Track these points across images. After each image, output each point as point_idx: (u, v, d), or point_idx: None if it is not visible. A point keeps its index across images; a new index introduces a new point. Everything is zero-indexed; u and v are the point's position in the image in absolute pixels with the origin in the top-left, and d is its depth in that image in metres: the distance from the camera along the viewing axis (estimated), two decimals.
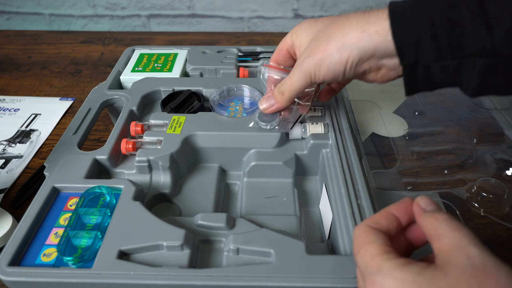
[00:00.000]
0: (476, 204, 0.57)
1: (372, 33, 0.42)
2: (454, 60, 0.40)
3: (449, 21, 0.39)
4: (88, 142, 0.73)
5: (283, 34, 0.52)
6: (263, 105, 0.54)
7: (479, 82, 0.40)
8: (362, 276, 0.34)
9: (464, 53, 0.39)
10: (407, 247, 0.37)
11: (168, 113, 0.60)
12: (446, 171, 0.62)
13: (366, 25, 0.42)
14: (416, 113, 0.74)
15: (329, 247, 0.48)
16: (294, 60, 0.52)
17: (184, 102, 0.63)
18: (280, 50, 0.52)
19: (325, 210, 0.52)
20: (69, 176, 0.51)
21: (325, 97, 0.58)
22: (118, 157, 0.56)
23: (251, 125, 0.57)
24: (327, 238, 0.50)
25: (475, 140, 0.68)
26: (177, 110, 0.62)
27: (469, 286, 0.28)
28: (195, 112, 0.62)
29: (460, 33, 0.38)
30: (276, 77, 0.54)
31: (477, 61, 0.39)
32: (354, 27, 0.43)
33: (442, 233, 0.31)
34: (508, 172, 0.61)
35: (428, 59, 0.41)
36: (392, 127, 0.71)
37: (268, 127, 0.56)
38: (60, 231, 0.46)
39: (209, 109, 0.62)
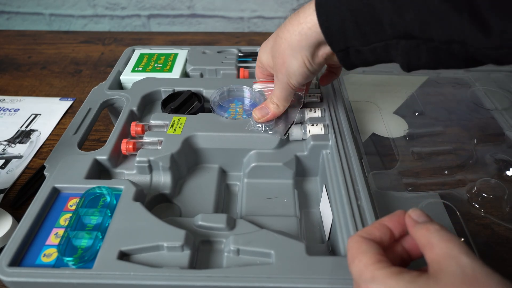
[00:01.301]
0: (476, 205, 0.57)
1: (306, 31, 0.45)
2: (380, 43, 0.42)
3: (367, 7, 0.41)
4: (88, 142, 0.73)
5: None
6: (257, 115, 0.56)
7: (407, 61, 0.42)
8: (357, 286, 0.34)
9: (386, 36, 0.42)
10: (403, 258, 0.37)
11: (169, 113, 0.60)
12: (446, 172, 0.62)
13: (300, 26, 0.46)
14: (416, 114, 0.74)
15: (329, 248, 0.48)
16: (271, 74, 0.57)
17: (185, 102, 0.63)
18: (258, 69, 0.59)
19: (325, 211, 0.52)
20: (69, 176, 0.51)
21: (324, 81, 0.61)
22: (118, 158, 0.56)
23: (246, 126, 0.57)
24: (327, 239, 0.50)
25: (475, 140, 0.68)
26: (177, 110, 0.62)
27: None
28: (195, 113, 0.62)
29: (378, 19, 0.41)
30: (267, 89, 0.61)
31: (399, 43, 0.41)
32: (292, 32, 0.47)
33: (434, 243, 0.32)
34: (508, 173, 0.61)
35: (356, 44, 0.44)
36: (392, 127, 0.71)
37: (263, 130, 0.56)
38: (61, 231, 0.46)
39: (210, 110, 0.62)
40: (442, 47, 0.39)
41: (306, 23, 0.45)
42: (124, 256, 0.43)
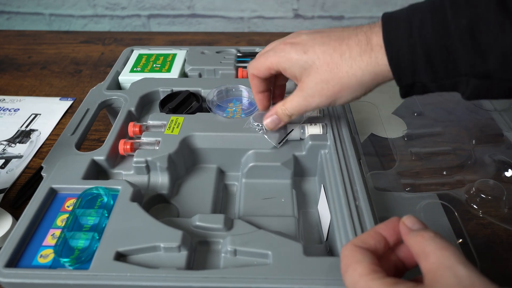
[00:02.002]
0: (474, 206, 0.57)
1: (381, 71, 0.43)
2: (449, 80, 0.41)
3: (443, 48, 0.39)
4: (88, 142, 0.73)
5: (283, 34, 0.51)
6: (268, 123, 0.54)
7: (473, 95, 0.41)
8: None
9: (459, 74, 0.40)
10: (398, 267, 0.37)
11: (167, 113, 0.60)
12: (444, 172, 0.62)
13: (372, 65, 0.43)
14: (415, 114, 0.74)
15: (327, 248, 0.48)
16: (272, 76, 0.53)
17: (183, 102, 0.63)
18: (262, 65, 0.51)
19: (324, 211, 0.52)
20: (66, 177, 0.51)
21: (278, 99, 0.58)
22: (116, 158, 0.56)
23: (245, 124, 0.57)
24: (325, 239, 0.50)
25: (474, 141, 0.68)
26: (175, 110, 0.62)
27: None
28: (193, 112, 0.62)
29: (454, 59, 0.39)
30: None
31: (471, 81, 0.40)
32: (365, 70, 0.44)
33: (429, 251, 0.32)
34: (507, 174, 0.61)
35: (424, 80, 0.42)
36: (391, 128, 0.71)
37: (261, 132, 0.56)
38: (57, 232, 0.46)
39: (207, 110, 0.62)
40: None
41: (378, 61, 0.43)
42: (121, 256, 0.43)
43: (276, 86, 0.57)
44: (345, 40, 0.45)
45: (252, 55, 0.77)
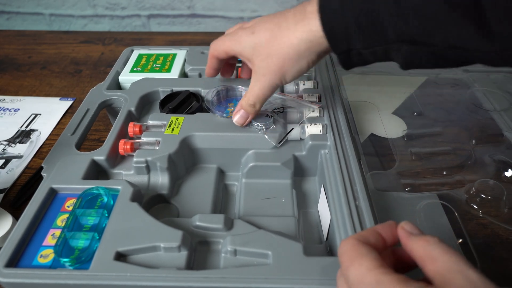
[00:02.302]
0: (474, 206, 0.57)
1: (317, 39, 0.45)
2: (382, 46, 0.43)
3: (371, 13, 0.41)
4: (88, 142, 0.73)
5: None
6: (237, 120, 0.56)
7: (407, 62, 0.43)
8: None
9: (389, 40, 0.42)
10: (396, 268, 0.36)
11: (167, 113, 0.60)
12: (444, 172, 0.62)
13: (307, 32, 0.45)
14: (415, 114, 0.74)
15: (327, 248, 0.48)
16: (228, 58, 0.57)
17: (183, 102, 0.63)
18: (220, 47, 0.55)
19: (324, 211, 0.52)
20: (66, 177, 0.51)
21: (229, 73, 0.66)
22: (116, 158, 0.56)
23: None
24: (325, 239, 0.50)
25: (474, 141, 0.68)
26: (175, 110, 0.62)
27: None
28: (193, 112, 0.62)
29: (381, 24, 0.41)
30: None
31: (402, 47, 0.41)
32: (300, 39, 0.46)
33: (436, 255, 0.31)
34: (507, 174, 0.61)
35: (358, 47, 0.44)
36: (391, 128, 0.71)
37: (260, 131, 0.57)
38: (57, 232, 0.46)
39: (204, 110, 0.62)
40: (443, 52, 0.40)
41: (311, 27, 0.45)
42: (121, 257, 0.43)
43: (227, 64, 0.64)
44: (284, 13, 0.49)
45: None
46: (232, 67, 0.65)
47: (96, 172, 0.54)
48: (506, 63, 0.38)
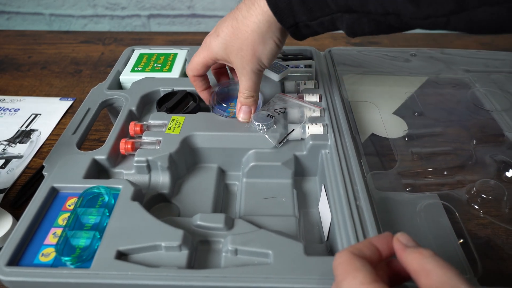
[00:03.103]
0: (475, 206, 0.57)
1: (261, 13, 0.48)
2: (326, 17, 0.46)
3: None
4: (88, 142, 0.73)
5: None
6: (243, 118, 0.58)
7: (352, 31, 0.46)
8: None
9: (331, 11, 0.45)
10: (390, 281, 0.36)
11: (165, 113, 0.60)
12: (445, 172, 0.62)
13: (262, 14, 0.48)
14: (416, 114, 0.74)
15: (328, 248, 0.48)
16: (208, 68, 0.59)
17: (180, 102, 0.63)
18: (198, 63, 0.58)
19: (324, 211, 0.52)
20: (68, 176, 0.51)
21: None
22: (117, 157, 0.56)
23: (246, 125, 0.58)
24: (326, 239, 0.50)
25: (474, 141, 0.68)
26: (172, 110, 0.62)
27: None
28: (190, 112, 0.62)
29: None
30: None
31: (343, 16, 0.45)
32: (259, 22, 0.49)
33: (430, 269, 0.31)
34: (508, 174, 0.61)
35: (304, 19, 0.47)
36: (391, 128, 0.71)
37: (261, 131, 0.57)
38: (59, 231, 0.46)
39: (205, 109, 0.62)
40: (380, 18, 0.43)
41: (262, 9, 0.48)
42: (122, 255, 0.43)
43: (219, 72, 0.65)
44: (237, 7, 0.51)
45: None
46: (223, 71, 0.66)
47: (97, 171, 0.54)
48: (434, 27, 0.41)
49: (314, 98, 0.63)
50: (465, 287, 0.29)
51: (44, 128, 0.79)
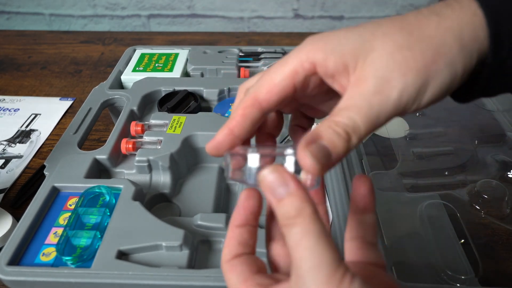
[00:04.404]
0: (476, 206, 0.57)
1: (471, 16, 0.27)
2: None
3: None
4: (88, 142, 0.72)
5: (283, 34, 0.51)
6: (307, 161, 0.25)
7: None
8: None
9: None
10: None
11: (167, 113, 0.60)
12: (446, 173, 0.62)
13: (454, 7, 0.28)
14: (418, 114, 0.74)
15: None
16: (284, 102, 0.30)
17: (181, 102, 0.63)
18: (278, 75, 0.29)
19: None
20: (69, 175, 0.51)
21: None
22: (118, 157, 0.56)
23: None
24: None
25: (476, 141, 0.68)
26: (173, 110, 0.62)
27: None
28: (191, 112, 0.62)
29: None
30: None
31: None
32: (440, 16, 0.28)
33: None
34: (510, 174, 0.61)
35: None
36: (393, 128, 0.71)
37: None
38: (60, 230, 0.46)
39: (206, 109, 0.62)
40: None
41: (471, 9, 0.27)
42: (122, 255, 0.43)
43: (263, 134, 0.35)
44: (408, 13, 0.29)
45: (254, 55, 0.77)
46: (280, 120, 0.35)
47: (98, 171, 0.54)
48: None
49: None
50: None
51: (44, 128, 0.79)
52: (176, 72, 0.72)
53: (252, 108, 0.29)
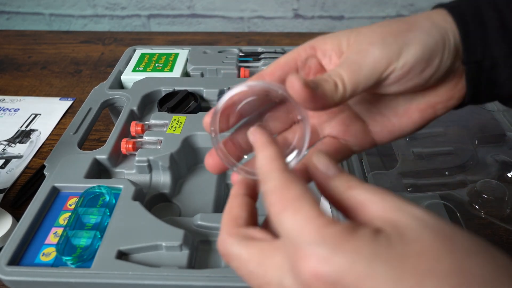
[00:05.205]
0: (476, 206, 0.57)
1: (442, 20, 0.32)
2: None
3: None
4: (88, 142, 0.72)
5: (283, 34, 0.51)
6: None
7: None
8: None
9: None
10: None
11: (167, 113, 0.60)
12: (446, 173, 0.62)
13: (430, 14, 0.32)
14: None
15: None
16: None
17: (181, 102, 0.63)
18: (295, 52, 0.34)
19: (325, 210, 0.51)
20: (69, 175, 0.51)
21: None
22: (118, 157, 0.56)
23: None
24: None
25: (476, 141, 0.68)
26: (173, 110, 0.62)
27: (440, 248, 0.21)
28: (191, 112, 0.62)
29: None
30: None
31: None
32: (419, 16, 0.32)
33: (364, 200, 0.25)
34: (510, 174, 0.61)
35: (496, 55, 0.31)
36: None
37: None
38: (60, 230, 0.46)
39: (206, 109, 0.62)
40: None
41: (443, 15, 0.32)
42: (122, 255, 0.43)
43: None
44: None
45: (254, 54, 0.77)
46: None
47: (98, 171, 0.54)
48: None
49: None
50: (415, 209, 0.23)
51: (44, 128, 0.79)
52: (176, 72, 0.72)
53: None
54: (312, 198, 0.24)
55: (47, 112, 0.83)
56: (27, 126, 0.79)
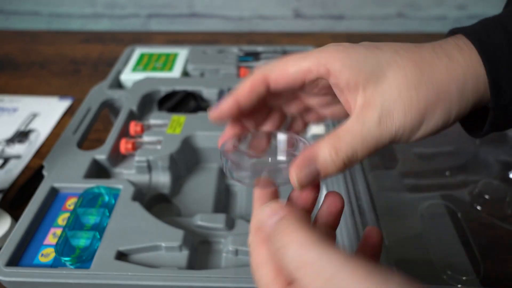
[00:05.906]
0: (478, 207, 0.57)
1: (474, 64, 0.30)
2: None
3: None
4: (87, 142, 0.72)
5: (283, 34, 0.51)
6: (301, 177, 0.31)
7: None
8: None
9: None
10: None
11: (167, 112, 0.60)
12: (447, 173, 0.62)
13: (462, 53, 0.30)
14: None
15: None
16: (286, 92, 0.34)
17: (181, 102, 0.63)
18: (296, 64, 0.31)
19: None
20: (68, 175, 0.51)
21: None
22: (117, 157, 0.56)
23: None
24: None
25: (477, 141, 0.67)
26: (173, 110, 0.62)
27: None
28: (191, 112, 0.61)
29: None
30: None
31: None
32: (449, 58, 0.30)
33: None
34: (511, 174, 0.61)
35: None
36: None
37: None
38: (58, 231, 0.46)
39: (206, 109, 0.62)
40: None
41: (471, 57, 0.30)
42: (122, 256, 0.43)
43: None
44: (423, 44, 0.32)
45: (254, 54, 0.77)
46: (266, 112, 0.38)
47: (98, 171, 0.54)
48: None
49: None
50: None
51: (42, 128, 0.78)
52: (176, 72, 0.72)
53: (261, 84, 0.32)
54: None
55: (46, 112, 0.83)
56: (26, 126, 0.79)
